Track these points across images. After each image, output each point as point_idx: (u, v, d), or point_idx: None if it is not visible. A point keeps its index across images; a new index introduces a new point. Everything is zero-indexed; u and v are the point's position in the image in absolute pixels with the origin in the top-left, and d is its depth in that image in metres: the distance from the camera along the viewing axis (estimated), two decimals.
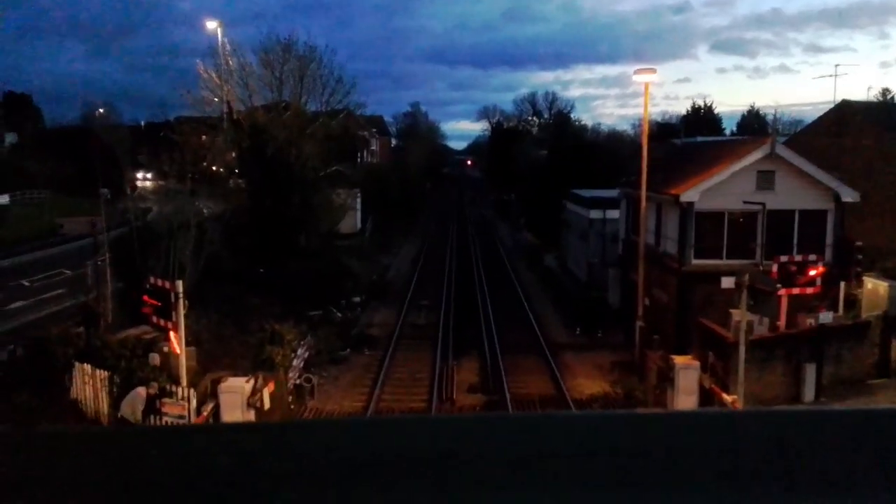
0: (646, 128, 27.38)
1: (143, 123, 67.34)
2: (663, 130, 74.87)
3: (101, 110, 70.72)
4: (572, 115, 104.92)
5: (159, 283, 18.80)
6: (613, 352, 27.73)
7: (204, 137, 38.04)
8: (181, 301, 17.88)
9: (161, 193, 32.46)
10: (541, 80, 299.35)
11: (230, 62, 36.35)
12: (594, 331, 30.94)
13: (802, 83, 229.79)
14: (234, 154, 36.52)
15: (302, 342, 24.62)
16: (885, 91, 77.01)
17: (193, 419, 17.60)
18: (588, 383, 24.49)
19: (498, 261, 53.65)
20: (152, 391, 17.97)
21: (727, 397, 19.37)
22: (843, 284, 26.77)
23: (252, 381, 18.92)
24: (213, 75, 35.62)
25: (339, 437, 0.76)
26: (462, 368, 26.22)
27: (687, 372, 20.12)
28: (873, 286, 26.93)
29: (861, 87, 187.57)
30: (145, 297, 19.02)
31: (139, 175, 50.69)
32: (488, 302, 37.30)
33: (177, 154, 35.47)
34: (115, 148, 56.04)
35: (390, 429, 0.80)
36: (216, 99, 36.19)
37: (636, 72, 25.24)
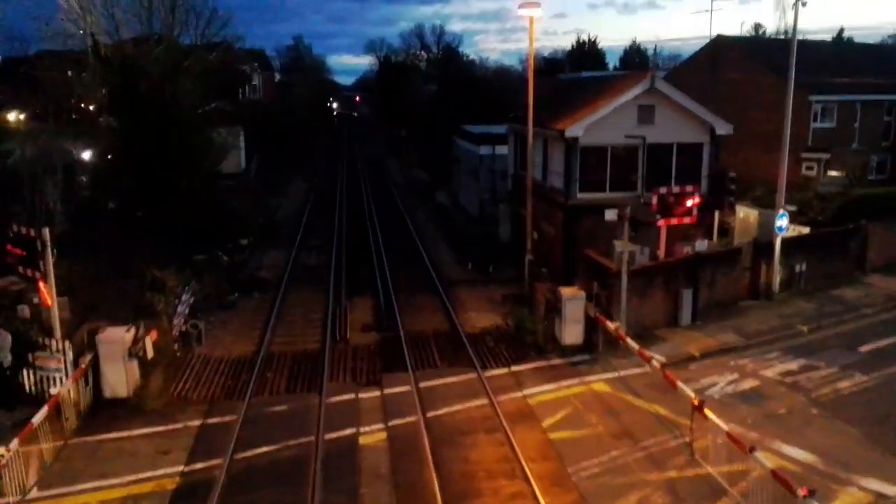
0: (531, 63, 27.38)
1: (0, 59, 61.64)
2: (550, 66, 75.69)
3: None
4: (460, 50, 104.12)
5: (24, 230, 17.54)
6: (504, 285, 28.21)
7: (69, 73, 35.27)
8: (48, 249, 16.75)
9: (23, 134, 29.95)
10: (420, 13, 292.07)
11: None
12: (486, 266, 31.37)
13: (673, 19, 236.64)
14: (103, 91, 34.01)
15: (186, 287, 23.72)
16: (758, 26, 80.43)
17: (70, 372, 16.74)
18: (480, 317, 24.88)
19: (390, 199, 53.35)
20: None
21: (611, 325, 20.15)
22: (717, 213, 28.23)
23: (133, 330, 18.09)
24: (74, 4, 32.82)
25: None
26: (356, 308, 26.06)
27: (573, 302, 20.75)
28: (745, 214, 28.55)
29: (725, 22, 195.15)
30: (8, 247, 17.72)
31: None
32: (381, 240, 37.13)
33: (39, 92, 32.81)
34: None
35: None
36: (80, 31, 33.47)
37: (521, 5, 24.96)
